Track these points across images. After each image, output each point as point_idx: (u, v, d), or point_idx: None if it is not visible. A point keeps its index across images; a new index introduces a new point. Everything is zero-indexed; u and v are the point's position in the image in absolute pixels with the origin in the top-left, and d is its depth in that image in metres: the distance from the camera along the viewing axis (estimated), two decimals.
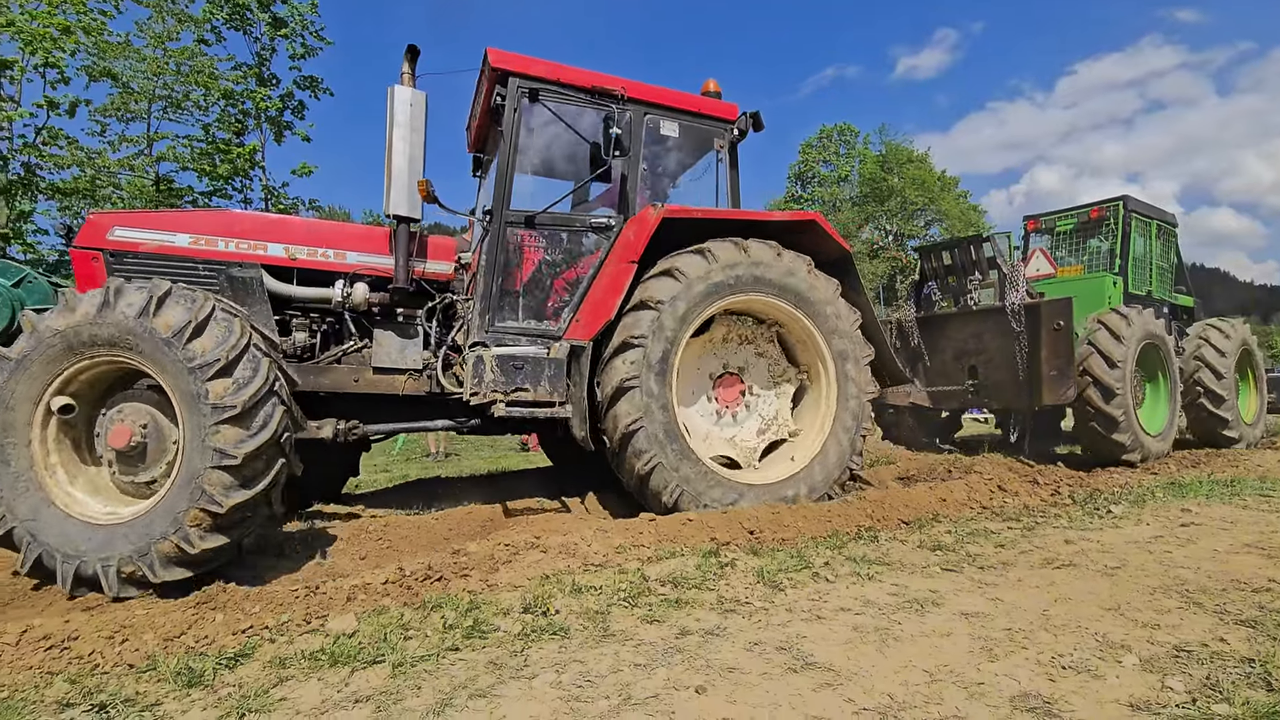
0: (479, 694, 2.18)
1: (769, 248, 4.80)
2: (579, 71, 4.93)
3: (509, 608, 2.88)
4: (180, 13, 18.17)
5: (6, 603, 3.30)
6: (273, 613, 2.83)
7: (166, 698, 2.16)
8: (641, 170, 5.12)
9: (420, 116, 4.61)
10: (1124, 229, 8.88)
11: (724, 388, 5.06)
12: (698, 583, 3.20)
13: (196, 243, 4.40)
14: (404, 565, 3.39)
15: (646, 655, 2.46)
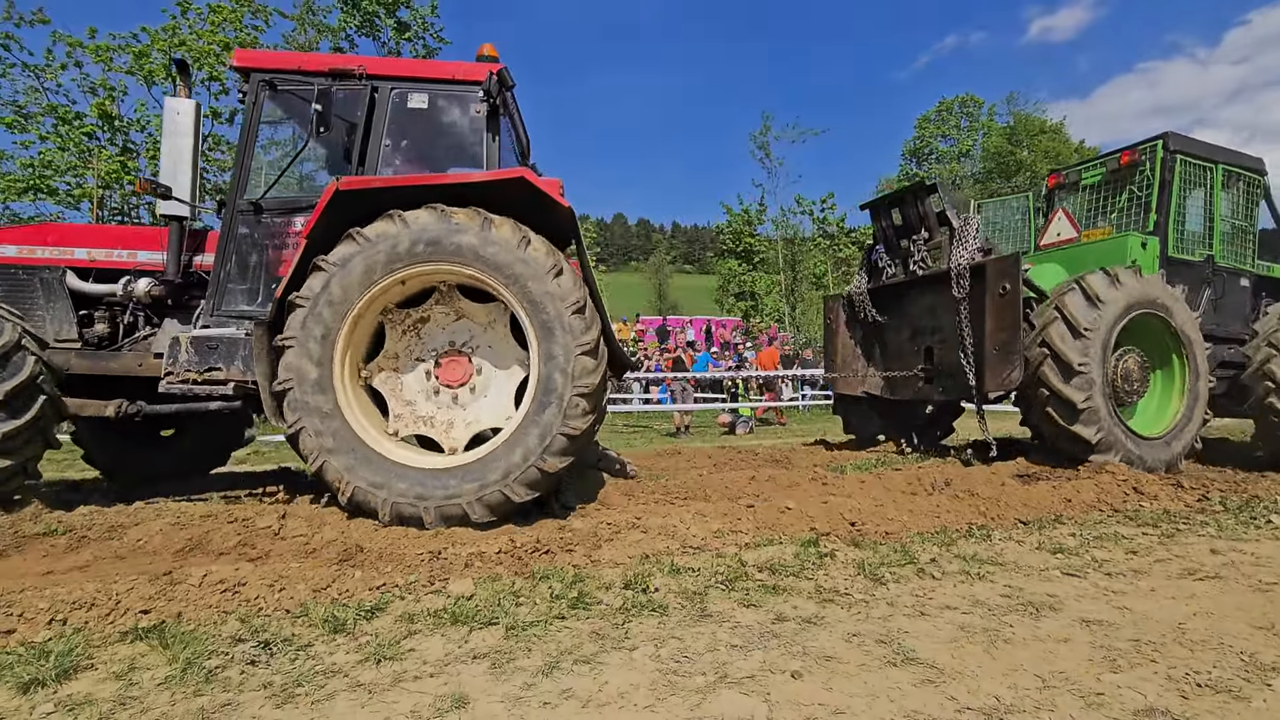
0: (583, 660, 2.32)
1: (474, 214, 4.34)
2: (322, 57, 5.18)
3: (610, 583, 3.02)
4: (319, 24, 19.75)
5: (188, 550, 3.85)
6: (402, 573, 3.13)
7: (316, 640, 2.47)
8: (386, 145, 5.03)
9: (188, 123, 4.97)
10: (1162, 176, 6.77)
11: (448, 366, 4.66)
12: (795, 571, 3.20)
13: (20, 252, 5.12)
14: (514, 537, 3.63)
15: (743, 638, 2.51)
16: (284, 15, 19.32)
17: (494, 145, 5.02)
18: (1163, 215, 6.79)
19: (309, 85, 4.81)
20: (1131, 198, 7.19)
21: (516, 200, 4.42)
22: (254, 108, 4.94)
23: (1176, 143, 6.86)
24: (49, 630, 2.45)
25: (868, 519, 3.98)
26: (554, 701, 2.06)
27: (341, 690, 2.11)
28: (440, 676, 2.21)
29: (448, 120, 5.16)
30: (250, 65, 4.94)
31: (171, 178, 4.89)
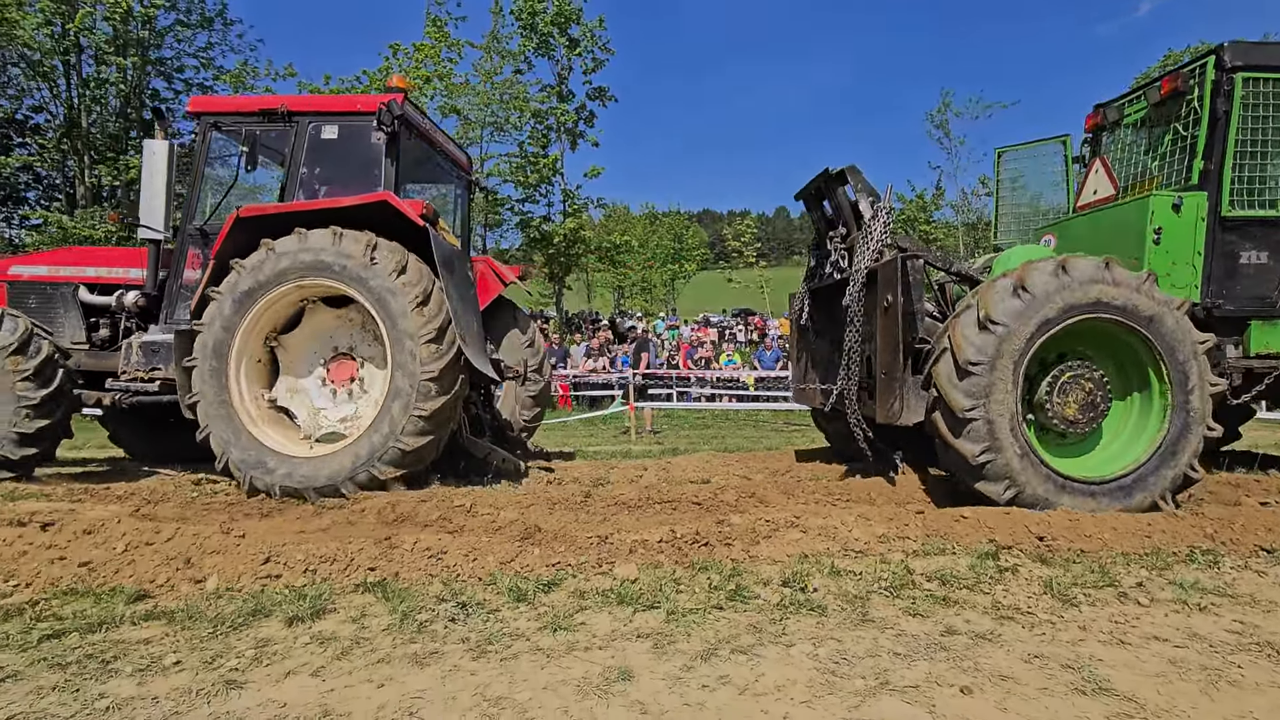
0: (740, 650, 2.40)
1: (329, 233, 4.98)
2: (253, 99, 5.91)
3: (768, 579, 3.06)
4: (502, 50, 21.59)
5: (401, 521, 4.49)
6: (574, 554, 3.41)
7: (503, 606, 2.79)
8: (304, 172, 5.73)
9: (162, 162, 5.75)
10: (1213, 106, 4.95)
11: (337, 367, 5.40)
12: (970, 584, 3.01)
13: (49, 270, 6.24)
14: (675, 529, 3.78)
15: (907, 646, 2.43)
16: (473, 45, 21.42)
17: (391, 168, 5.58)
18: (1214, 161, 4.95)
19: (242, 125, 5.63)
20: (1176, 139, 5.33)
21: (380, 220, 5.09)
22: (202, 145, 5.83)
23: (1238, 55, 4.91)
24: (304, 577, 3.02)
25: (1059, 534, 3.60)
26: (712, 685, 2.16)
27: (524, 651, 2.38)
28: (608, 650, 2.41)
29: (355, 148, 5.77)
30: (200, 110, 5.87)
31: (149, 206, 5.80)
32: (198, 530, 3.43)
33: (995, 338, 4.10)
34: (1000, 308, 4.13)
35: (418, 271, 5.00)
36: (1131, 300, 4.19)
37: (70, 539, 3.24)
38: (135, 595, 2.77)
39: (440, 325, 4.94)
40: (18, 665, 2.20)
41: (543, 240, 22.11)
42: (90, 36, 18.82)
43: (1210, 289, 5.01)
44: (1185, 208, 4.90)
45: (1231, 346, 5.16)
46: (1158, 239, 4.91)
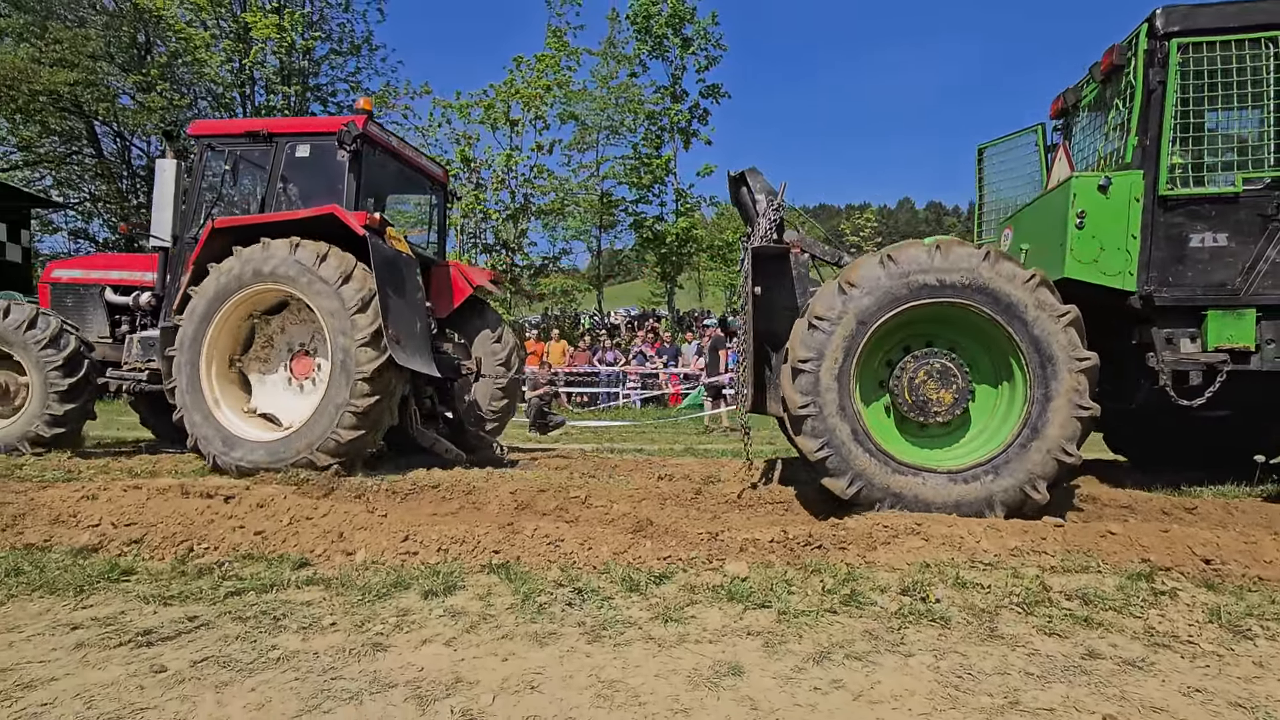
0: (854, 656, 2.34)
1: (287, 243, 5.54)
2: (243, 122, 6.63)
3: (886, 586, 2.95)
4: (618, 54, 22.08)
5: (521, 509, 4.75)
6: (685, 549, 3.46)
7: (616, 595, 2.89)
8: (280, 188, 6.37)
9: (170, 177, 6.49)
10: (1147, 78, 4.53)
11: (299, 362, 5.99)
12: (1118, 606, 2.75)
13: (84, 274, 7.08)
14: (787, 529, 3.73)
15: (1041, 667, 2.27)
16: (591, 53, 22.07)
17: (354, 183, 6.07)
18: (1150, 137, 4.53)
19: (231, 146, 6.27)
20: (1117, 117, 4.93)
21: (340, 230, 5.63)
22: (199, 163, 6.46)
23: (1173, 20, 4.49)
24: (437, 556, 3.28)
25: (1231, 557, 3.19)
26: (824, 688, 2.12)
27: (637, 639, 2.46)
28: (718, 644, 2.43)
29: (324, 164, 6.28)
30: (198, 133, 6.60)
31: (159, 218, 6.52)
32: (348, 509, 3.82)
33: (822, 335, 4.12)
34: (824, 305, 4.15)
35: (360, 280, 5.49)
36: (968, 281, 4.01)
37: (247, 510, 3.72)
38: (299, 562, 3.14)
39: (375, 330, 5.40)
40: (209, 616, 2.56)
41: (655, 240, 22.38)
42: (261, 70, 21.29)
43: (1150, 275, 4.54)
44: (1115, 188, 4.50)
45: (1187, 340, 4.54)
46: (1080, 223, 4.51)
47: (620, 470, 6.67)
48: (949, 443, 4.39)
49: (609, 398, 16.05)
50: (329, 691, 2.01)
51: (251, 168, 6.61)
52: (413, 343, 5.77)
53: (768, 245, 4.84)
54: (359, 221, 5.61)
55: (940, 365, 4.22)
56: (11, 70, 18.70)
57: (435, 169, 7.68)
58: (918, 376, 4.24)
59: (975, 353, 4.34)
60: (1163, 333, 4.60)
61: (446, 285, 7.35)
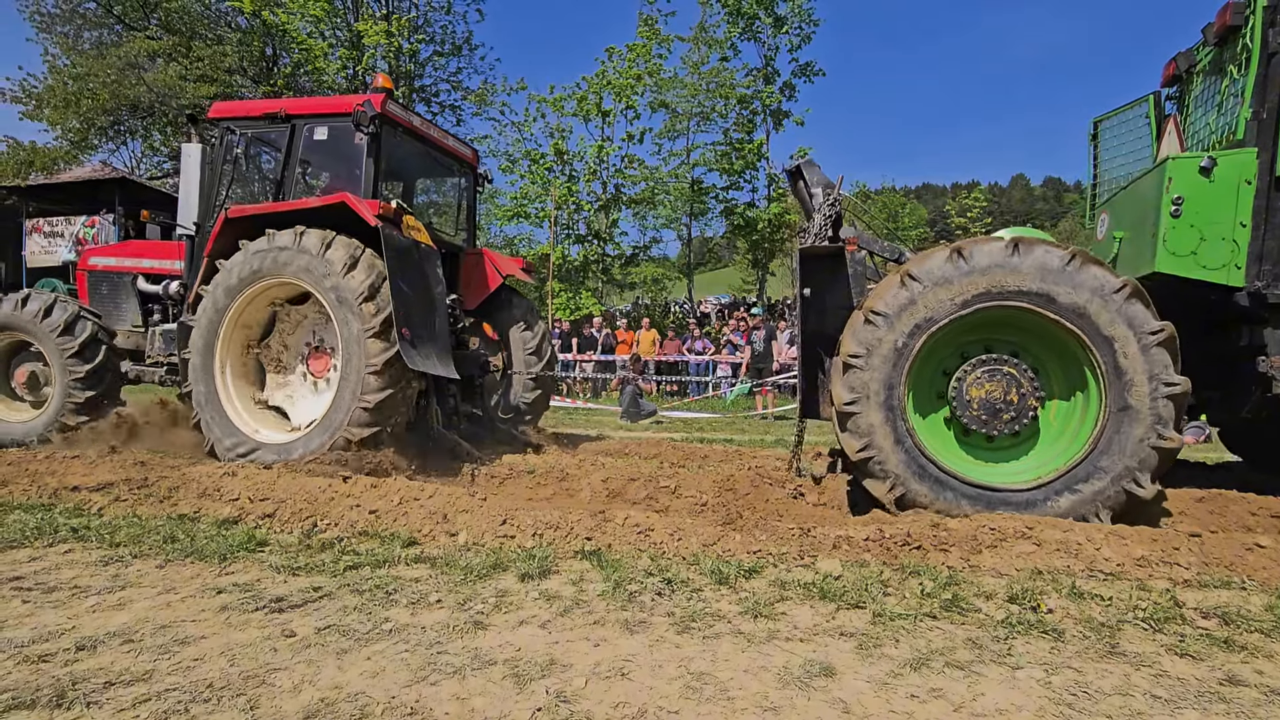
0: (956, 665, 2.24)
1: (291, 234, 5.29)
2: (262, 103, 6.15)
3: (991, 592, 2.79)
4: (709, 39, 21.79)
5: (612, 497, 4.85)
6: (775, 544, 3.42)
7: (705, 587, 2.90)
8: (298, 172, 6.01)
9: (195, 164, 6.20)
10: (1264, 41, 3.93)
11: (315, 360, 5.72)
12: (1265, 628, 2.47)
13: (116, 261, 6.88)
14: (883, 527, 3.60)
15: (1170, 690, 2.08)
16: (682, 39, 21.90)
17: (371, 167, 5.74)
18: (1267, 109, 4.00)
19: (250, 128, 6.00)
20: (1230, 85, 4.37)
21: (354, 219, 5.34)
22: (220, 147, 6.13)
23: None
24: (532, 540, 3.41)
25: None
26: (922, 697, 2.05)
27: (725, 633, 2.46)
28: (809, 643, 2.40)
29: (342, 148, 5.98)
30: (218, 115, 6.28)
31: (185, 204, 6.22)
32: (451, 491, 4.04)
33: (878, 330, 3.91)
34: (884, 299, 3.93)
35: (368, 267, 5.18)
36: (1045, 288, 3.69)
37: (363, 490, 4.01)
38: (408, 541, 3.37)
39: (385, 319, 5.07)
40: (331, 587, 2.80)
41: (746, 227, 22.02)
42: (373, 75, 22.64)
43: (1263, 269, 4.03)
44: (1221, 170, 3.98)
45: None
46: (1177, 210, 4.02)
47: (710, 461, 6.66)
48: (1013, 457, 4.10)
49: (699, 387, 16.02)
50: (435, 665, 2.15)
51: (271, 151, 6.34)
52: (429, 342, 5.45)
53: (815, 245, 4.66)
54: (371, 211, 5.30)
55: (1007, 372, 3.93)
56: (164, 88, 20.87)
57: (465, 150, 7.33)
58: (983, 383, 3.96)
59: (1050, 362, 4.01)
60: (1277, 334, 4.08)
61: (476, 274, 7.15)
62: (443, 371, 5.51)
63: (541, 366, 7.49)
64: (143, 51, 21.21)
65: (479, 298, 7.12)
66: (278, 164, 6.20)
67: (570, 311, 19.52)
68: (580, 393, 16.04)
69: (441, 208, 8.24)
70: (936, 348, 4.04)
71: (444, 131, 7.05)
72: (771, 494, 4.87)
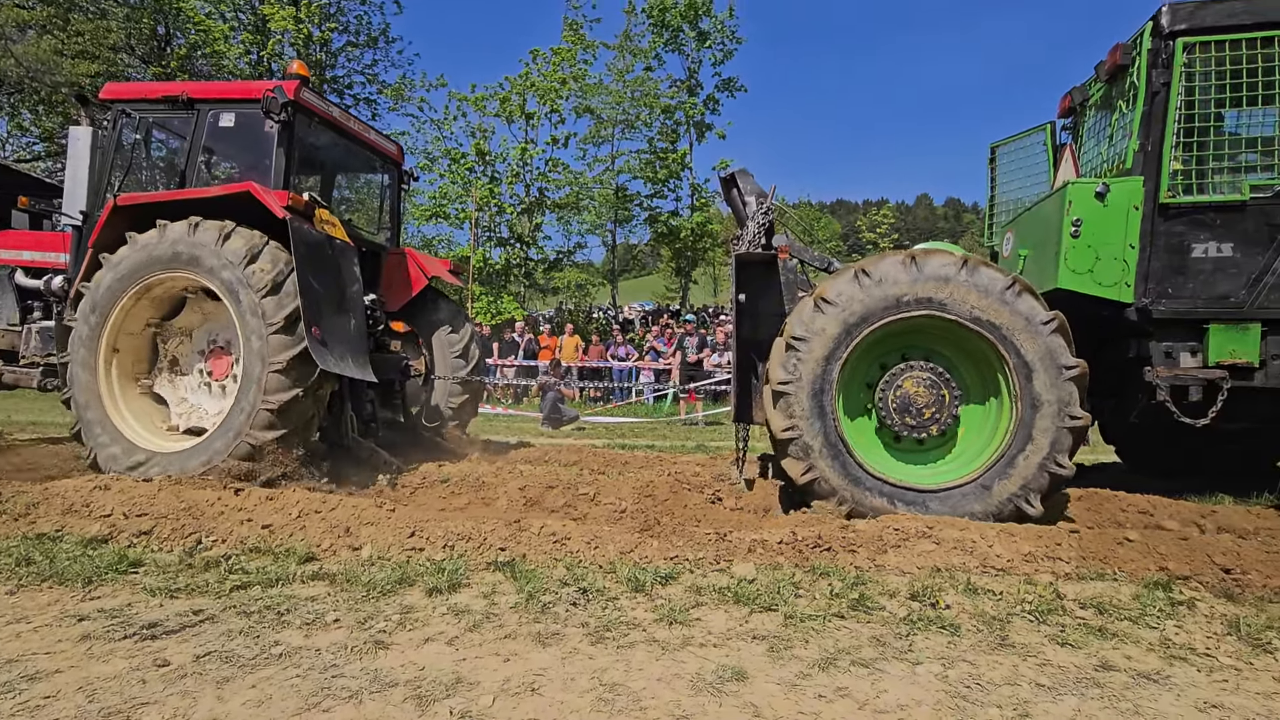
0: (861, 663, 2.30)
1: (186, 225, 4.89)
2: (160, 86, 5.75)
3: (895, 591, 2.90)
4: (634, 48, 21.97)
5: (529, 505, 4.75)
6: (692, 549, 3.43)
7: (621, 595, 2.87)
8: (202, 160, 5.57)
9: (85, 147, 5.67)
10: (1149, 79, 4.36)
11: (215, 361, 5.27)
12: (1133, 616, 2.68)
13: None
14: (797, 530, 3.68)
15: (1052, 678, 2.22)
16: (607, 46, 21.96)
17: (282, 157, 5.32)
18: (1152, 141, 4.36)
19: (147, 112, 5.54)
20: (1120, 119, 4.79)
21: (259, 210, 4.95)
22: (113, 131, 5.67)
23: (1178, 19, 4.29)
24: (443, 552, 3.27)
25: (1252, 567, 3.11)
26: (829, 696, 2.09)
27: (640, 642, 2.43)
28: (722, 648, 2.40)
29: (251, 136, 5.52)
30: (111, 97, 5.72)
31: (72, 192, 5.71)
32: (356, 503, 3.83)
33: (800, 355, 4.06)
34: (801, 324, 4.09)
35: (271, 260, 4.82)
36: (944, 293, 3.93)
37: (256, 503, 3.74)
38: (304, 557, 3.15)
39: (289, 315, 4.71)
40: (214, 609, 2.58)
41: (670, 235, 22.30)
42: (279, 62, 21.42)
43: (1149, 287, 4.38)
44: (1114, 195, 4.32)
45: (1187, 354, 4.38)
46: (1076, 231, 4.36)
47: (631, 467, 6.65)
48: (937, 458, 4.30)
49: (622, 393, 16.03)
50: (329, 689, 2.01)
51: (172, 138, 5.81)
52: (343, 343, 5.07)
53: (751, 252, 4.73)
54: (279, 202, 4.92)
55: (921, 377, 4.13)
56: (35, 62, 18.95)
57: (389, 146, 6.95)
58: (901, 391, 4.16)
59: (961, 365, 4.24)
60: (1161, 346, 4.46)
61: (400, 275, 6.81)
62: (358, 374, 5.17)
63: (468, 370, 7.21)
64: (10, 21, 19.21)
65: (402, 299, 6.81)
66: (178, 152, 5.69)
67: (491, 316, 19.11)
68: (501, 399, 15.71)
69: (362, 204, 7.79)
70: (859, 361, 4.21)
71: (366, 125, 6.76)
72: (690, 499, 4.90)
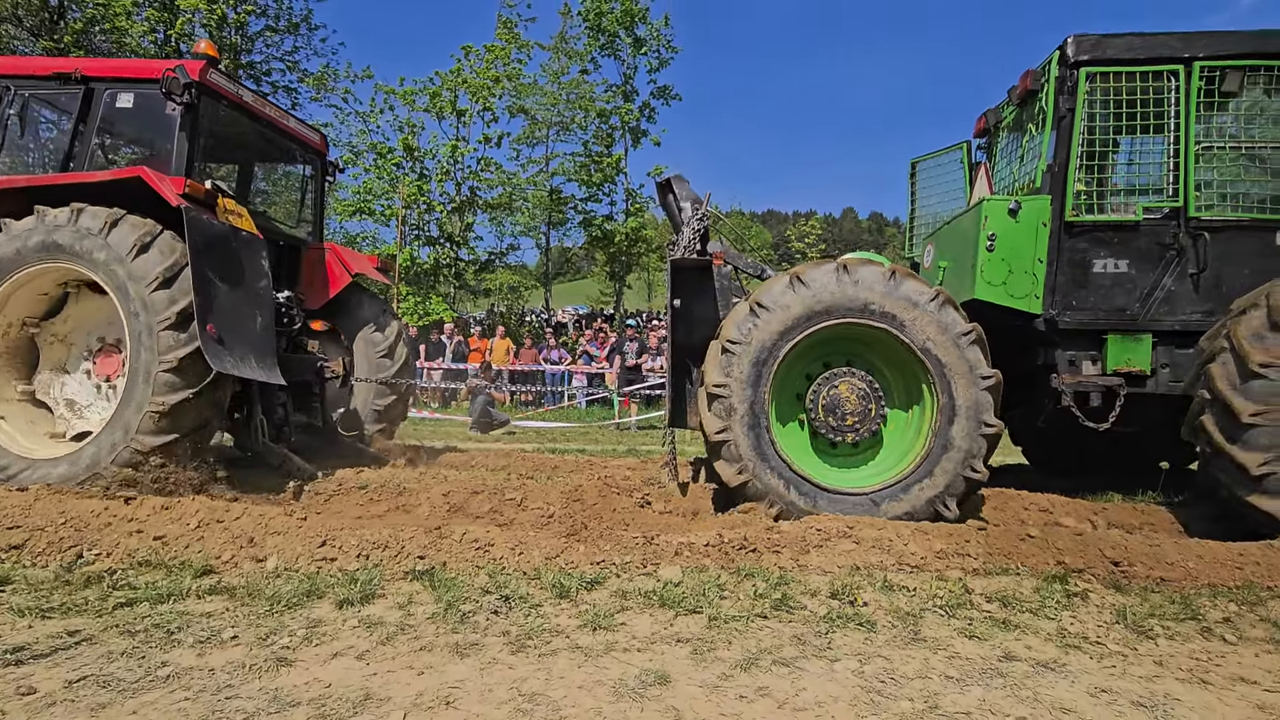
0: (782, 662, 2.33)
1: (68, 211, 4.50)
2: (51, 61, 5.29)
3: (816, 589, 2.96)
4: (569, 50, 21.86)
5: (453, 511, 4.59)
6: (619, 553, 3.40)
7: (545, 601, 2.80)
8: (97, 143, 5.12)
9: None
10: (1057, 105, 4.63)
11: (103, 360, 4.90)
12: (1034, 608, 2.84)
13: None
14: (723, 533, 3.71)
15: (961, 670, 2.31)
16: (543, 47, 21.78)
17: (185, 142, 4.97)
18: (1058, 163, 4.63)
19: (34, 88, 5.13)
20: (1030, 141, 5.05)
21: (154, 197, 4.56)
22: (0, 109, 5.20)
23: (1082, 49, 4.56)
24: (357, 562, 3.12)
25: (1137, 559, 3.35)
26: (750, 697, 2.10)
27: (563, 649, 2.38)
28: (646, 652, 2.38)
29: (152, 119, 5.18)
30: None
31: None
32: (264, 511, 3.60)
33: (735, 358, 4.12)
34: (736, 328, 4.15)
35: (163, 251, 4.48)
36: (872, 301, 4.07)
37: (149, 513, 3.46)
38: (202, 570, 2.93)
39: (182, 310, 4.38)
40: (93, 630, 2.35)
41: (604, 239, 22.28)
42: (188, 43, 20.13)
43: (1055, 299, 4.66)
44: (1024, 213, 4.59)
45: (1088, 362, 4.74)
46: (991, 246, 4.61)
47: (560, 471, 6.56)
48: (864, 462, 4.42)
49: (554, 397, 15.85)
50: (222, 712, 1.86)
51: (61, 117, 5.32)
52: (246, 343, 4.76)
53: (687, 258, 4.75)
54: (175, 189, 4.55)
55: (848, 383, 4.23)
56: None
57: (312, 136, 6.62)
58: (830, 395, 4.25)
59: (888, 372, 4.38)
60: (1065, 355, 4.75)
61: (321, 272, 6.42)
62: (262, 376, 4.84)
63: (394, 372, 6.87)
64: None
65: (324, 297, 6.45)
66: (68, 133, 5.17)
67: (419, 317, 18.53)
68: (428, 402, 15.24)
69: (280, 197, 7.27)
70: (793, 365, 4.29)
71: (286, 112, 6.35)
72: (619, 503, 4.87)
